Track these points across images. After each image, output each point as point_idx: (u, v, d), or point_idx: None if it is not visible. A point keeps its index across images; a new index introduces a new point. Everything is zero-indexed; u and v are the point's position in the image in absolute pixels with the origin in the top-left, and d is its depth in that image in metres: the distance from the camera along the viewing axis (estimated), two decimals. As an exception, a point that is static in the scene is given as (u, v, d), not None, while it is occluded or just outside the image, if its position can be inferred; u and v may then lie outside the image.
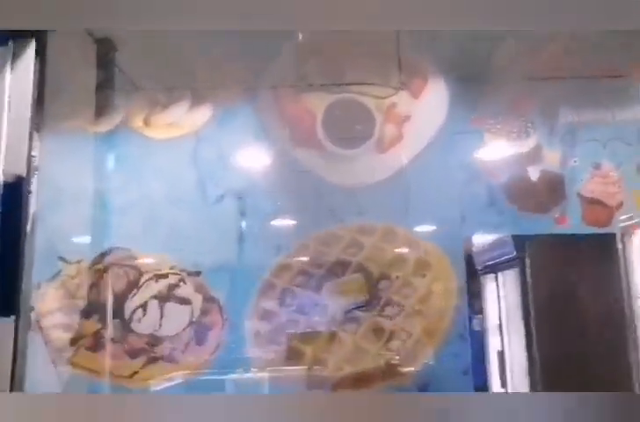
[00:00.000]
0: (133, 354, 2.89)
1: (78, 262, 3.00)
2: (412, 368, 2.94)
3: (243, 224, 3.10)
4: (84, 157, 3.15)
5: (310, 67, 3.23)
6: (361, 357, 2.93)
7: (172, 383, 2.89)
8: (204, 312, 2.98)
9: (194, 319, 2.96)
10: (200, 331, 2.96)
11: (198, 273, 3.01)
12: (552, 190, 3.14)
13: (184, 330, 2.95)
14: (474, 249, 3.27)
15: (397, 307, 2.99)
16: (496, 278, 4.26)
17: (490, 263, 4.00)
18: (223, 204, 3.11)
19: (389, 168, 3.16)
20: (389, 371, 2.91)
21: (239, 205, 3.11)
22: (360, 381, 2.90)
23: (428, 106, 3.22)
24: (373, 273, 3.04)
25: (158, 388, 2.92)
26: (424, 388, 2.94)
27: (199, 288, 3.00)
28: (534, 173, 3.14)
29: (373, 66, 3.22)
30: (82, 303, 2.96)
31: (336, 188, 3.14)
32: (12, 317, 2.65)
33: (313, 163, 3.16)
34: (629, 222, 3.18)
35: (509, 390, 3.88)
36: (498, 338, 4.14)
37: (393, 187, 3.11)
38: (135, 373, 2.87)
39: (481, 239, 3.49)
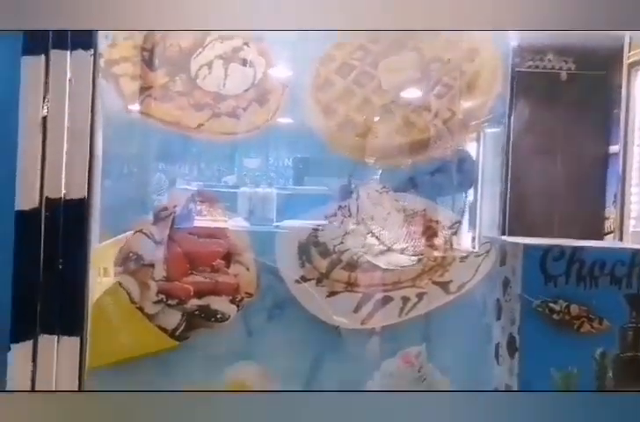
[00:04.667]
0: (198, 108, 3.01)
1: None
2: (454, 145, 3.20)
3: (307, -4, 3.16)
4: None
5: None
6: (410, 129, 3.15)
7: (234, 137, 3.07)
8: (266, 76, 3.10)
9: (256, 82, 3.09)
10: (260, 94, 3.09)
11: (261, 39, 3.10)
12: None
13: (246, 90, 3.07)
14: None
15: (445, 87, 3.19)
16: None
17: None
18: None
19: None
20: (435, 144, 3.15)
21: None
22: (410, 149, 3.14)
23: None
24: (426, 54, 3.21)
25: (220, 141, 3.10)
26: (462, 163, 3.22)
27: (262, 53, 3.10)
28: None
29: None
30: (148, 54, 3.02)
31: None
32: (90, 51, 2.70)
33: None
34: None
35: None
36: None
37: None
38: (201, 125, 3.01)
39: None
